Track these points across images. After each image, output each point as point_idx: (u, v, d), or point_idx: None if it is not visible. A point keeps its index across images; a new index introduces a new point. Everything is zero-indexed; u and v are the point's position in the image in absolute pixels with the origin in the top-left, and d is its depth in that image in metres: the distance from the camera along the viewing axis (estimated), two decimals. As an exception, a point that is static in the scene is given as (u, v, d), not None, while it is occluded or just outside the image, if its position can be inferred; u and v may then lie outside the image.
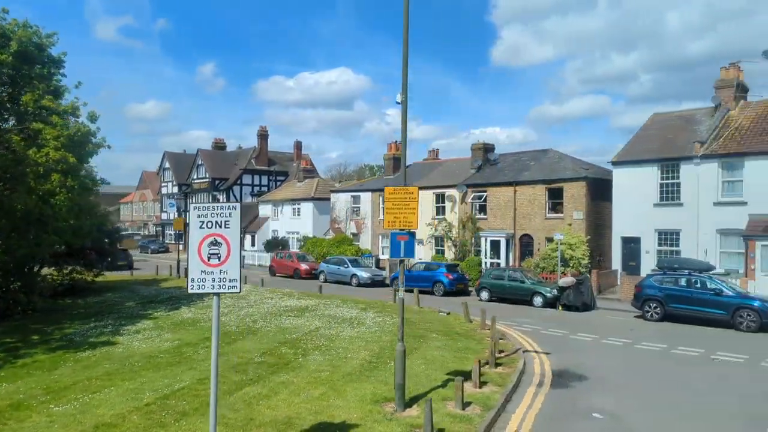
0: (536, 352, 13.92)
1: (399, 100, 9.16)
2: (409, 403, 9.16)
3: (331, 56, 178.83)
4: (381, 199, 37.15)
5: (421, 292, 26.17)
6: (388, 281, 28.87)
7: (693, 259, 21.61)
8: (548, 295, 22.06)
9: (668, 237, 25.21)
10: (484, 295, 24.06)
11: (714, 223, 23.65)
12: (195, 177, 58.13)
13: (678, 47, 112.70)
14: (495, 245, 30.26)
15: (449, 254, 32.58)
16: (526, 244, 29.74)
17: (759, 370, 12.30)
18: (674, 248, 24.97)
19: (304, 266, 33.00)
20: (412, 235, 9.20)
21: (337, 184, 49.24)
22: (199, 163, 57.32)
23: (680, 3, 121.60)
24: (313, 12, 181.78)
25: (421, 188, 35.09)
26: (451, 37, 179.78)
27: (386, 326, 15.66)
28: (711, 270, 19.73)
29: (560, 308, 21.68)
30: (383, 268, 33.54)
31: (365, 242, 38.13)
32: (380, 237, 37.38)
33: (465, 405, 9.10)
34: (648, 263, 25.53)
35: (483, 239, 30.72)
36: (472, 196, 31.93)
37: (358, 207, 38.97)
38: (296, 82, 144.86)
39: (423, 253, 34.12)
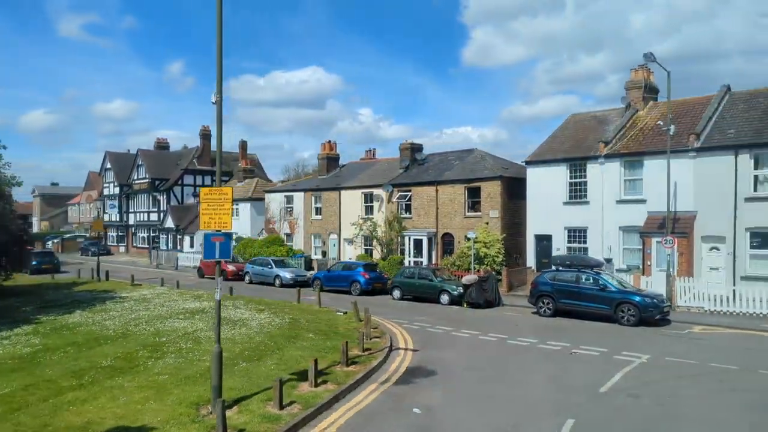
0: (405, 349, 14.16)
1: (213, 101, 9.16)
2: (231, 405, 9.21)
3: (303, 55, 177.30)
4: (313, 199, 37.21)
5: (339, 291, 26.46)
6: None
7: (585, 256, 22.31)
8: (454, 293, 22.42)
9: (577, 234, 25.93)
10: (397, 293, 24.31)
11: (617, 221, 24.43)
12: (135, 178, 56.97)
13: (643, 48, 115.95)
14: (418, 244, 30.58)
15: (377, 253, 32.79)
16: (448, 243, 30.15)
17: (604, 363, 12.74)
18: (582, 245, 25.69)
19: (230, 267, 32.64)
20: (228, 236, 9.22)
21: (279, 184, 48.96)
22: (139, 163, 56.18)
23: (644, 6, 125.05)
24: (283, 10, 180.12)
25: (350, 188, 35.68)
26: (422, 37, 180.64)
27: (268, 328, 15.66)
28: (601, 266, 20.39)
29: (465, 305, 22.06)
30: (314, 269, 33.59)
31: (298, 242, 38.03)
32: (312, 237, 37.35)
33: (286, 405, 9.20)
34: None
35: (407, 238, 31.02)
36: (397, 196, 32.19)
37: (292, 207, 38.84)
38: (267, 81, 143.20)
39: (352, 253, 34.28)
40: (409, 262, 30.52)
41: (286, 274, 29.37)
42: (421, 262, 29.92)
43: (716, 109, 24.48)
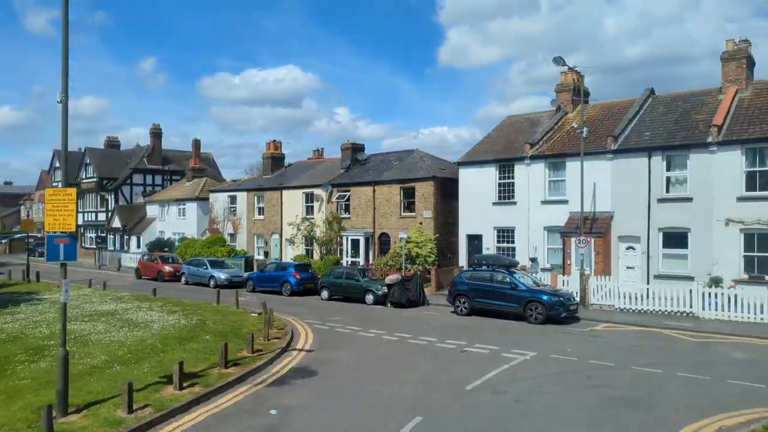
0: (300, 350, 14.18)
1: (59, 99, 9.01)
2: (81, 409, 9.08)
3: (279, 53, 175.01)
4: (256, 199, 36.93)
5: (271, 292, 26.34)
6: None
7: (502, 255, 22.75)
8: (378, 292, 22.55)
9: (505, 234, 26.35)
10: (325, 294, 24.32)
11: (542, 221, 24.90)
12: (83, 177, 55.64)
13: (615, 51, 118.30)
14: (355, 244, 30.65)
15: (317, 254, 32.75)
16: (384, 243, 30.30)
17: (488, 360, 12.97)
18: (511, 245, 26.11)
19: (167, 268, 32.26)
20: (73, 237, 9.07)
21: (230, 184, 48.41)
22: (87, 162, 54.89)
23: (617, 9, 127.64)
24: (259, 8, 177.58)
25: (291, 188, 35.51)
26: (399, 36, 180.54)
27: (168, 330, 15.47)
28: (516, 266, 20.78)
29: (389, 305, 22.20)
30: (254, 269, 33.34)
31: (242, 242, 37.71)
32: (255, 237, 37.08)
33: (138, 408, 9.09)
34: (489, 260, 26.58)
35: (345, 238, 31.06)
36: (336, 196, 32.21)
37: (235, 207, 38.48)
38: (242, 79, 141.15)
39: (293, 253, 34.15)
40: (347, 262, 30.58)
41: (221, 275, 29.10)
42: (358, 262, 30.01)
43: (637, 112, 25.17)
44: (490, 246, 26.68)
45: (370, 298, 22.74)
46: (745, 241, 20.12)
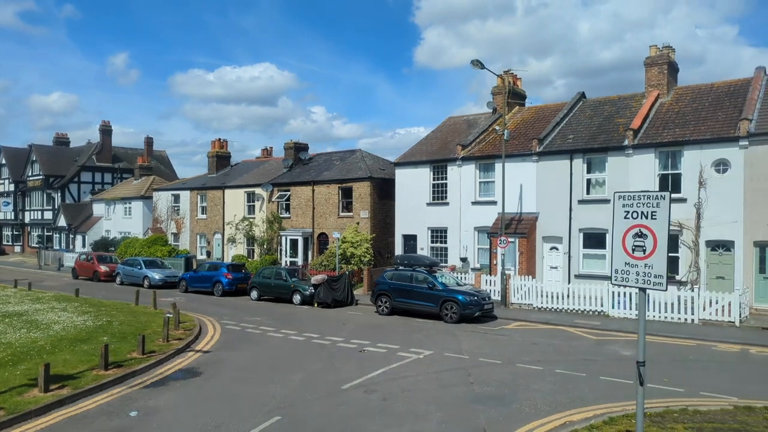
0: (198, 351, 14.08)
1: None
2: (-71, 413, 8.85)
3: (254, 51, 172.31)
4: (199, 198, 36.49)
5: (203, 292, 26.08)
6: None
7: (423, 255, 23.02)
8: (305, 292, 22.53)
9: (438, 234, 26.63)
10: (254, 294, 24.19)
11: (472, 221, 25.25)
12: (29, 174, 54.10)
13: (589, 54, 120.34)
14: (294, 244, 30.57)
15: (257, 254, 32.55)
16: (323, 243, 30.29)
17: (380, 359, 13.09)
18: (443, 245, 26.41)
19: (103, 268, 31.63)
20: None
21: (180, 182, 47.74)
22: (33, 159, 53.40)
23: (591, 13, 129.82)
24: (233, 4, 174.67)
25: (233, 187, 35.15)
26: (376, 36, 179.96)
27: (67, 331, 15.19)
28: (436, 265, 21.01)
29: (316, 305, 22.21)
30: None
31: (185, 242, 37.24)
32: (198, 237, 36.65)
33: (-10, 411, 8.92)
34: (423, 259, 26.83)
35: (283, 238, 30.95)
36: (277, 195, 32.06)
37: (178, 206, 37.95)
38: (217, 76, 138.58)
39: (235, 253, 33.86)
40: (286, 262, 30.48)
41: (156, 276, 28.68)
42: (297, 263, 29.93)
43: (566, 115, 25.72)
44: (424, 246, 26.94)
45: (297, 298, 22.70)
46: (657, 241, 20.73)
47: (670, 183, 20.55)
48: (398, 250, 27.93)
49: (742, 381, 11.54)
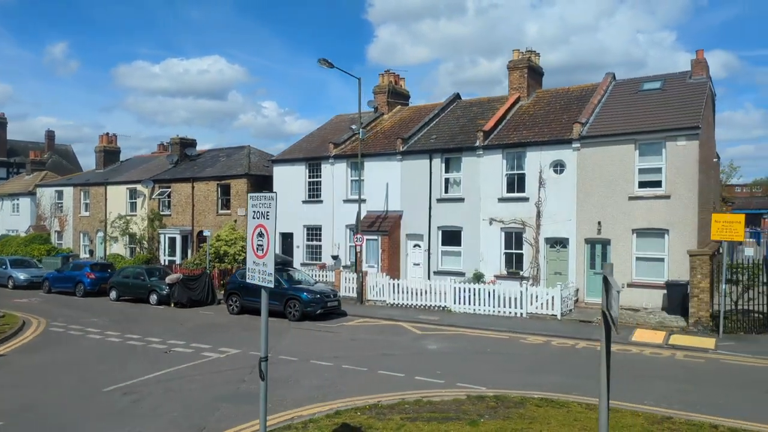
0: (-10, 355, 13.53)
1: None
2: None
3: (202, 43, 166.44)
4: (82, 194, 35.08)
5: (66, 293, 25.07)
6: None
7: (276, 254, 23.01)
8: (162, 292, 22.04)
9: (313, 232, 26.69)
10: (113, 294, 23.45)
11: (344, 219, 25.40)
12: None
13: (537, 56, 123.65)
14: (173, 242, 29.89)
15: (138, 252, 31.61)
16: (203, 241, 29.71)
17: (180, 358, 13.00)
18: (318, 243, 26.49)
19: (-33, 268, 29.83)
20: None
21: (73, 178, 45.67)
22: None
23: (538, 15, 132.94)
24: None
25: (116, 183, 33.88)
26: (328, 32, 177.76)
27: None
28: (290, 264, 21.08)
29: (173, 305, 21.76)
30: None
31: (68, 240, 35.69)
32: (81, 235, 35.21)
33: None
34: (299, 257, 26.86)
35: (162, 236, 30.20)
36: (158, 192, 31.24)
37: (62, 203, 36.32)
38: (163, 68, 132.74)
39: (116, 250, 32.75)
40: (165, 260, 29.74)
41: (20, 276, 27.34)
42: (175, 261, 29.26)
43: (437, 115, 26.33)
44: (300, 244, 26.94)
45: (154, 298, 22.17)
46: (504, 239, 21.60)
47: (516, 182, 21.41)
48: (276, 248, 27.69)
49: (513, 372, 12.15)
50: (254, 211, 6.51)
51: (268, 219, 6.33)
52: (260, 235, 6.40)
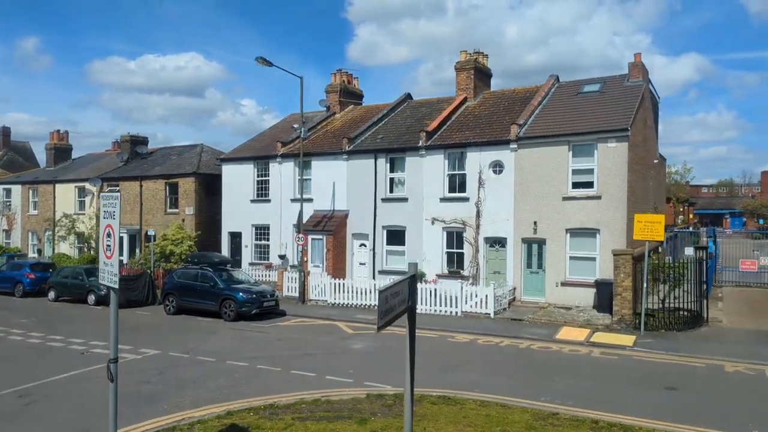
0: None
1: None
2: None
3: (180, 40, 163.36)
4: (31, 192, 34.30)
5: (5, 293, 24.46)
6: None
7: (212, 253, 22.93)
8: (101, 292, 21.62)
9: (262, 231, 26.51)
10: (52, 294, 22.97)
11: (292, 219, 25.23)
12: None
13: (517, 57, 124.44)
14: (120, 242, 29.33)
15: (86, 252, 30.99)
16: (151, 240, 29.28)
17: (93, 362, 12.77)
18: (266, 242, 26.33)
19: None
20: None
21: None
22: None
23: (518, 17, 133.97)
24: None
25: (64, 181, 33.17)
26: (308, 30, 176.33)
27: None
28: (227, 263, 20.91)
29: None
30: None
31: (16, 239, 34.84)
32: (29, 234, 34.39)
33: None
34: (247, 257, 26.67)
35: (111, 235, 29.63)
36: (106, 191, 30.63)
37: (10, 201, 35.43)
38: (139, 64, 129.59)
39: (64, 249, 32.05)
40: (113, 260, 29.17)
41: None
42: (122, 261, 28.77)
43: (386, 115, 26.39)
44: (248, 243, 26.75)
45: (92, 298, 21.79)
46: (446, 238, 21.77)
47: (458, 183, 21.58)
48: (224, 247, 27.53)
49: (428, 370, 12.10)
50: (105, 211, 6.41)
51: (114, 219, 6.23)
52: (108, 235, 6.29)
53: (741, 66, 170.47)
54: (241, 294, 18.49)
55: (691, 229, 40.37)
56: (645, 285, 15.65)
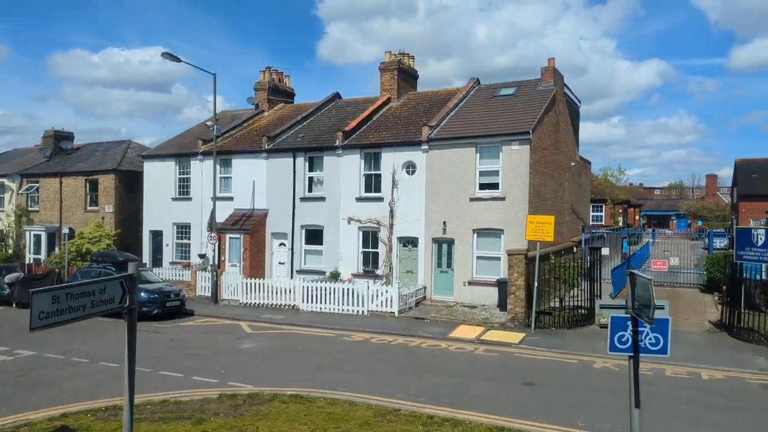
0: None
1: None
2: None
3: (145, 33, 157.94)
4: (-53, 188, 32.71)
5: None
6: None
7: (117, 251, 22.59)
8: (4, 292, 20.94)
9: (183, 230, 26.08)
10: (-48, 294, 22.05)
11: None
12: None
13: (486, 58, 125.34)
14: (39, 240, 28.45)
15: (2, 250, 29.89)
16: (71, 238, 28.44)
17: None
18: (188, 241, 25.90)
19: None
20: None
21: None
22: None
23: (487, 19, 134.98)
24: None
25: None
26: (278, 26, 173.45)
27: None
28: (132, 261, 20.45)
29: (14, 305, 20.69)
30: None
31: (-69, 238, 33.26)
32: (-55, 231, 32.92)
33: None
34: (168, 256, 26.19)
35: (28, 233, 28.70)
36: (26, 187, 29.66)
37: (-76, 197, 33.84)
38: (102, 58, 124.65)
39: (-19, 250, 30.85)
40: (30, 259, 28.27)
41: None
42: (40, 260, 27.88)
43: (312, 113, 26.31)
44: (170, 242, 26.26)
45: (-6, 298, 21.03)
46: (362, 238, 21.86)
47: (373, 183, 21.70)
48: (146, 246, 26.96)
49: (303, 369, 12.25)
50: None
51: None
52: None
53: (701, 72, 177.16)
54: (141, 294, 18.11)
55: (629, 230, 41.41)
56: (537, 284, 16.06)
